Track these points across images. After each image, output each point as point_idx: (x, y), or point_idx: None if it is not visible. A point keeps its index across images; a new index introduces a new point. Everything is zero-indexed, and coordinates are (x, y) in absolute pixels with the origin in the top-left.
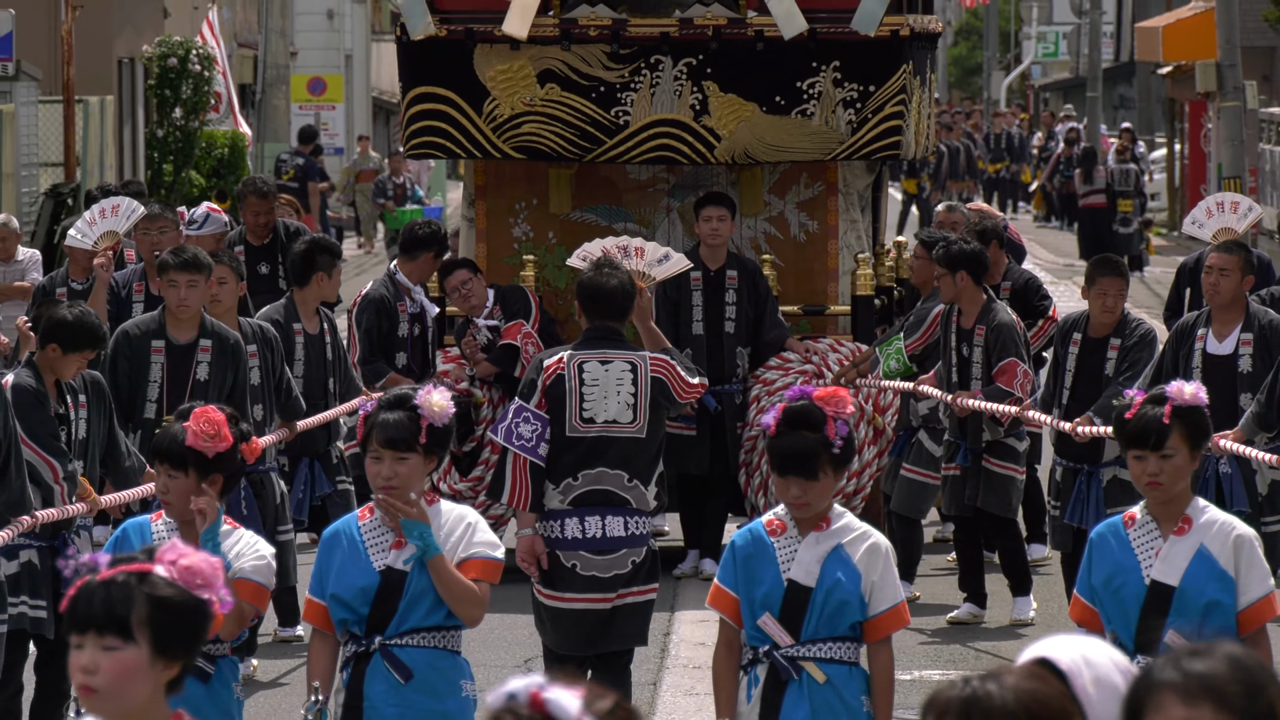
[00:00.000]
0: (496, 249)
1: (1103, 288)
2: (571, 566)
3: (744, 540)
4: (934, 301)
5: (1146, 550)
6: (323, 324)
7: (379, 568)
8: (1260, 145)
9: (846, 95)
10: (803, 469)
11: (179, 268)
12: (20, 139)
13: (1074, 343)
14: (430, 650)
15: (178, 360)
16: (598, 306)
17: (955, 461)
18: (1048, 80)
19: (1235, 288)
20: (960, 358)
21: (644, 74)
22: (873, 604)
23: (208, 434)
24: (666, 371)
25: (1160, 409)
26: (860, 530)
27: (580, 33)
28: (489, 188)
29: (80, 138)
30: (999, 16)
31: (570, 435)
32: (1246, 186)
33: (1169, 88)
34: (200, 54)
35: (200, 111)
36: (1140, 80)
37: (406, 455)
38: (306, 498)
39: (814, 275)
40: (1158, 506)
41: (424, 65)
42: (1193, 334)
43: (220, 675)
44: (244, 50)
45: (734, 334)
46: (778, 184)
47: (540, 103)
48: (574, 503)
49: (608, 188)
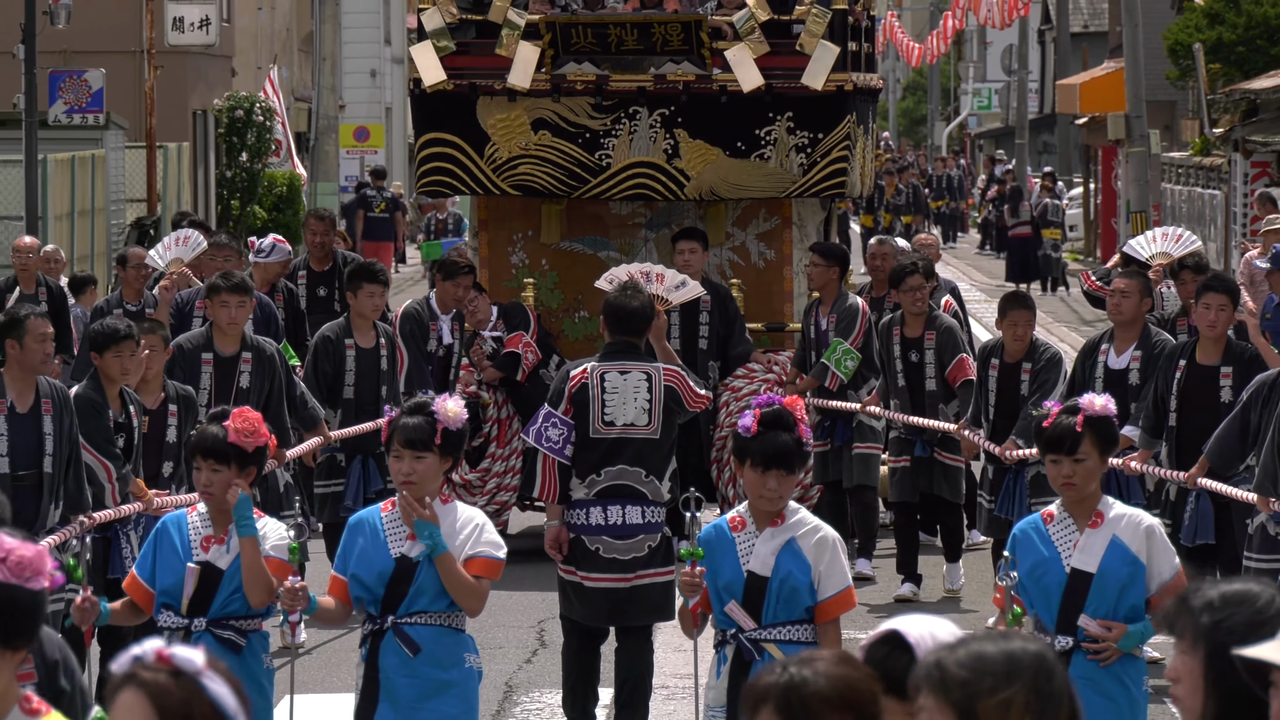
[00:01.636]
0: (497, 273)
1: (1013, 319)
2: (595, 549)
3: (708, 536)
4: (845, 301)
5: (1066, 543)
6: (379, 339)
7: (395, 555)
8: (1162, 184)
9: (798, 141)
10: (784, 464)
11: (230, 290)
12: (110, 179)
13: (993, 367)
14: (437, 628)
15: (224, 370)
16: (620, 324)
17: (914, 454)
18: (982, 129)
19: (1135, 308)
20: (909, 363)
21: (623, 122)
22: (821, 590)
23: (247, 431)
24: (679, 382)
25: (1074, 419)
26: (811, 525)
27: (568, 86)
28: (490, 221)
29: (160, 178)
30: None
31: (593, 436)
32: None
33: (1085, 135)
34: (263, 107)
35: (263, 155)
36: (1060, 129)
37: (424, 454)
38: (361, 489)
39: (772, 297)
40: (1072, 505)
41: (434, 114)
42: (1097, 350)
43: (251, 648)
44: (300, 103)
45: (706, 349)
46: (740, 218)
47: (534, 147)
48: (598, 495)
49: (593, 221)
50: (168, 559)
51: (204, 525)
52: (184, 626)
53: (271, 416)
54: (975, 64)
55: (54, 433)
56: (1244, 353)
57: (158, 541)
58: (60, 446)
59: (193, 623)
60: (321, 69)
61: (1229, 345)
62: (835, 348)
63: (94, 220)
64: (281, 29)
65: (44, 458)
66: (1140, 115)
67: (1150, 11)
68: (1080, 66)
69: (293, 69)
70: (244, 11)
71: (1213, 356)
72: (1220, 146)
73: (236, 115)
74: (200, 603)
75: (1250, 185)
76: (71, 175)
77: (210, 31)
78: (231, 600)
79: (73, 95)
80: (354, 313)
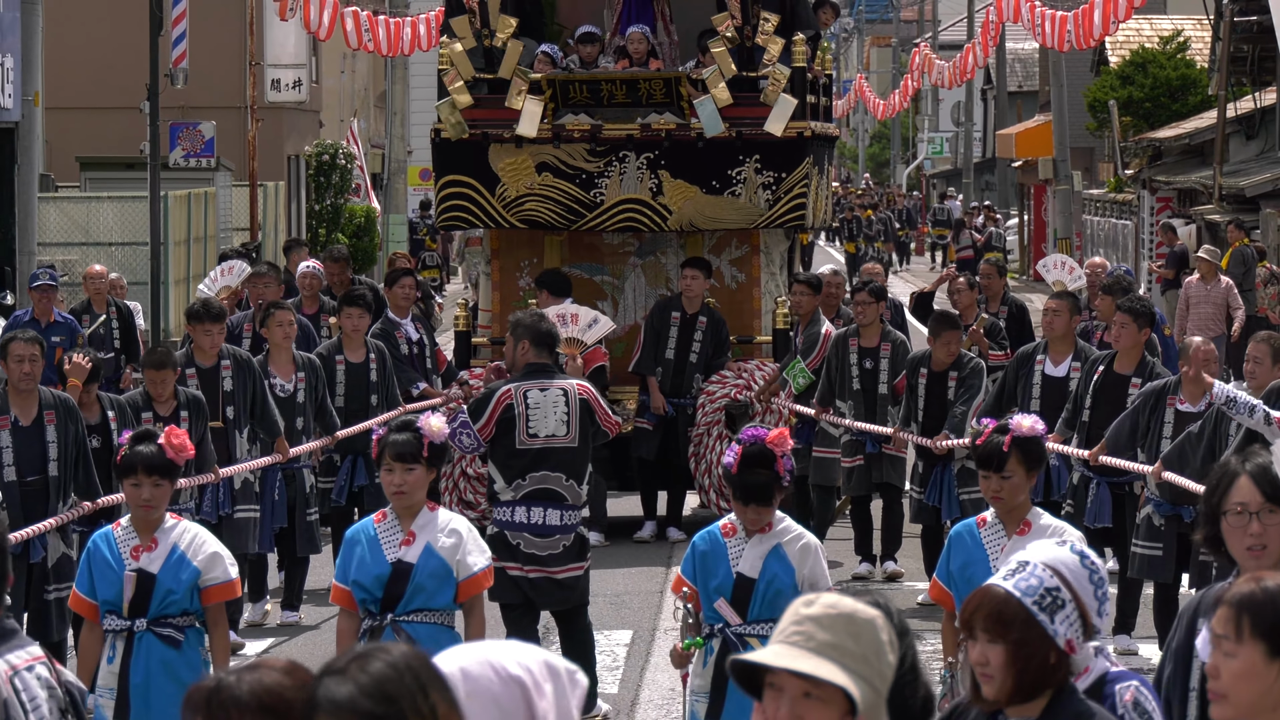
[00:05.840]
0: (507, 295)
1: (946, 339)
2: (516, 544)
3: (703, 541)
4: (816, 326)
5: (995, 546)
6: (369, 354)
7: (391, 560)
8: (1084, 216)
9: (765, 180)
10: (762, 499)
11: (211, 319)
12: (219, 212)
13: (922, 375)
14: (431, 625)
15: (208, 379)
16: (541, 342)
17: (865, 452)
18: (935, 170)
19: (1066, 324)
20: (864, 370)
21: (614, 165)
22: (804, 591)
23: (180, 447)
24: (592, 396)
25: (1002, 438)
26: (796, 532)
27: (567, 135)
28: (501, 250)
29: (260, 211)
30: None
31: (520, 448)
32: (1074, 245)
33: (1020, 176)
34: (345, 152)
35: (345, 193)
36: (1000, 170)
37: (413, 466)
38: (347, 484)
39: (743, 313)
40: (1002, 514)
41: (452, 159)
42: (1032, 360)
43: (189, 641)
44: (375, 149)
45: (695, 363)
46: (715, 246)
47: (538, 186)
48: (523, 497)
49: (589, 249)
50: (103, 572)
51: (129, 537)
52: (127, 628)
53: (259, 416)
54: (930, 117)
55: (57, 440)
56: (1153, 367)
57: (90, 559)
58: (65, 451)
59: (134, 623)
60: (393, 121)
61: (1142, 360)
62: (794, 365)
63: (206, 246)
64: (360, 88)
65: (48, 464)
66: (1065, 159)
67: (1073, 74)
68: (1016, 119)
69: (369, 121)
70: (329, 74)
71: (1127, 368)
72: (1131, 185)
73: (323, 159)
74: (139, 605)
75: (1155, 217)
76: (188, 209)
77: (302, 90)
78: (166, 600)
79: (189, 143)
80: (343, 332)
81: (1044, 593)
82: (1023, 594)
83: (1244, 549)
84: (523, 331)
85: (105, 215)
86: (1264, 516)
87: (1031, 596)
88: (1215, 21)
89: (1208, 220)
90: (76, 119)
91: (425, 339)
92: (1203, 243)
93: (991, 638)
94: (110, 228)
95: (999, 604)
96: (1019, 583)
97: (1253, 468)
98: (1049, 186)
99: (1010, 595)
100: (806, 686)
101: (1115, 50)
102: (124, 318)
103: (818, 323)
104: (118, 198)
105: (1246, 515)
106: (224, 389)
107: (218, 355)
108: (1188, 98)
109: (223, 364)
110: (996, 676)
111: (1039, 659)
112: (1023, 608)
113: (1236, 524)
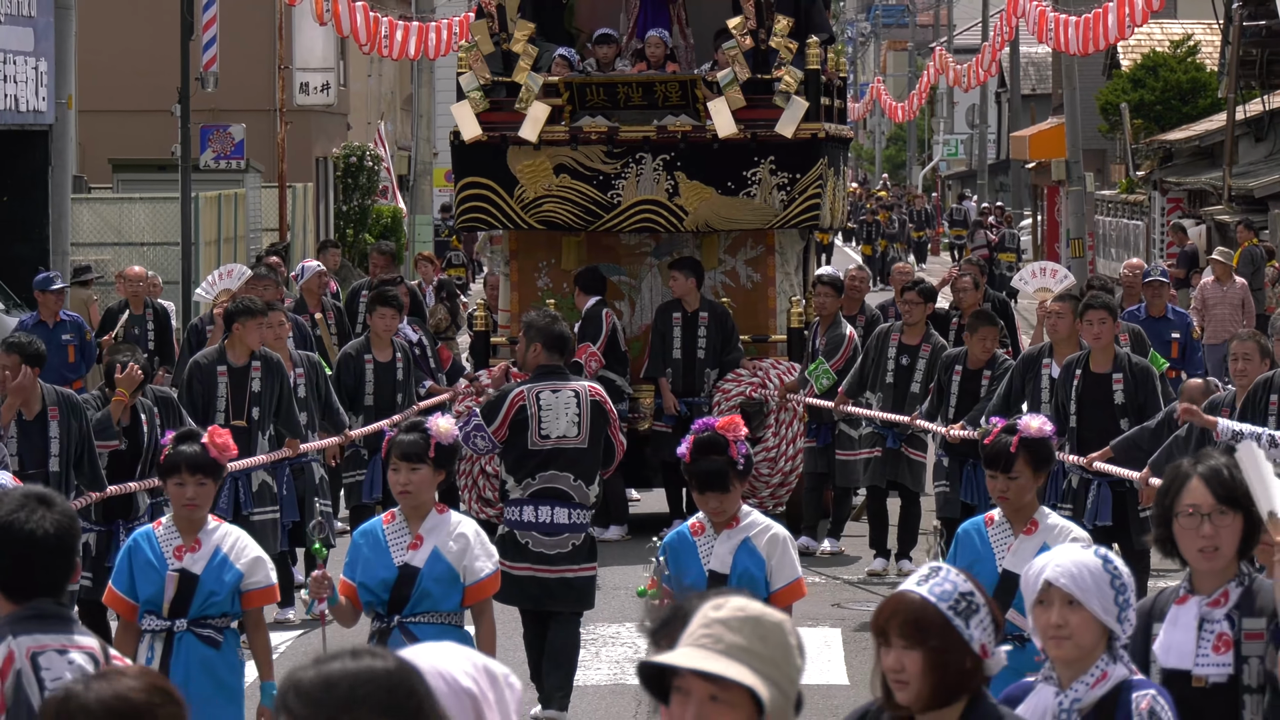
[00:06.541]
0: (526, 296)
1: (982, 335)
2: (525, 543)
3: (672, 541)
4: (840, 329)
5: (1001, 546)
6: (395, 353)
7: (398, 564)
8: (1096, 216)
9: (779, 181)
10: (718, 485)
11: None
12: (249, 213)
13: (956, 372)
14: (437, 626)
15: (237, 379)
16: (554, 345)
17: (884, 445)
18: (951, 172)
19: (1069, 327)
20: (900, 365)
21: (631, 166)
22: (774, 582)
23: (224, 447)
24: (603, 399)
25: (1010, 439)
26: (763, 525)
27: (584, 137)
28: (519, 251)
29: (289, 212)
30: (917, 128)
31: (532, 448)
32: (1086, 244)
33: (1033, 177)
34: (372, 154)
35: (372, 194)
36: (1014, 172)
37: (419, 466)
38: (381, 478)
39: (758, 313)
40: (1009, 514)
41: (471, 161)
42: (1039, 362)
43: (227, 642)
44: (401, 151)
45: (704, 359)
46: (730, 246)
47: (556, 188)
48: (531, 496)
49: (607, 250)
50: (144, 571)
51: (172, 536)
52: (166, 628)
53: (283, 416)
54: (945, 119)
55: (60, 436)
56: (1130, 359)
57: (131, 557)
58: (67, 447)
59: (174, 624)
60: (419, 124)
61: (1116, 354)
62: (817, 365)
63: (236, 246)
64: (387, 91)
65: (50, 459)
66: (1078, 161)
67: (1085, 77)
68: (1029, 121)
69: (396, 124)
70: (357, 78)
71: (1104, 365)
72: (1142, 186)
73: (351, 161)
74: (180, 605)
75: (1166, 217)
76: (218, 209)
77: (330, 94)
78: (208, 602)
79: (219, 145)
80: (372, 331)
81: (958, 598)
82: (938, 599)
83: (1196, 550)
84: (535, 334)
85: (137, 216)
86: (1215, 518)
87: (947, 601)
88: (1225, 26)
89: (1217, 221)
90: (109, 122)
91: (425, 339)
92: (1213, 243)
93: (908, 644)
94: (142, 228)
95: (916, 610)
96: (933, 588)
97: (1205, 470)
98: (1062, 188)
99: (926, 601)
100: (713, 689)
101: (1127, 54)
102: (160, 318)
103: (840, 325)
104: (149, 199)
105: (1198, 517)
106: (251, 389)
107: (249, 355)
108: (1198, 101)
109: (253, 365)
110: (913, 683)
111: (955, 665)
112: (939, 613)
113: (1188, 525)
